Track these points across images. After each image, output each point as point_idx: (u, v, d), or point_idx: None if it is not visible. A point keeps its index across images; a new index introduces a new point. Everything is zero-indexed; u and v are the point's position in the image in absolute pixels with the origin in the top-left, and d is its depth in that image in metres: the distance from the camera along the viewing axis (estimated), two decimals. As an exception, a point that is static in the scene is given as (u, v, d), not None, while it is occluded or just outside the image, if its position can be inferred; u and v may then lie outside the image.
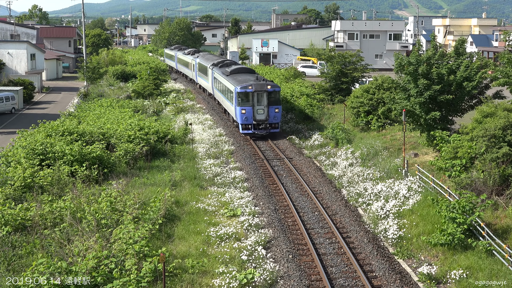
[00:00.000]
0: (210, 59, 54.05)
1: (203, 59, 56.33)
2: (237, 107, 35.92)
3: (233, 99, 36.84)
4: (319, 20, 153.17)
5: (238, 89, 35.79)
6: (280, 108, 36.33)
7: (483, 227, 18.47)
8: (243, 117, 35.51)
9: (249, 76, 39.54)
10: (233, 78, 39.39)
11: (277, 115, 36.06)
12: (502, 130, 22.64)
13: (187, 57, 68.58)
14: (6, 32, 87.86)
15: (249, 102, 35.66)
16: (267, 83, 36.44)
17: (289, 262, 17.91)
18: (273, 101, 36.10)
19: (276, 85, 37.05)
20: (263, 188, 25.46)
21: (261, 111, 35.63)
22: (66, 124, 32.10)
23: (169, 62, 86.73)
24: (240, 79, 38.00)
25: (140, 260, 16.15)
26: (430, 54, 29.61)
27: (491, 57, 77.06)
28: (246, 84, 36.05)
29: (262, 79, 36.98)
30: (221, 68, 45.45)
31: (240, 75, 39.96)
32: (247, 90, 35.62)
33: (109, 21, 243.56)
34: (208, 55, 61.04)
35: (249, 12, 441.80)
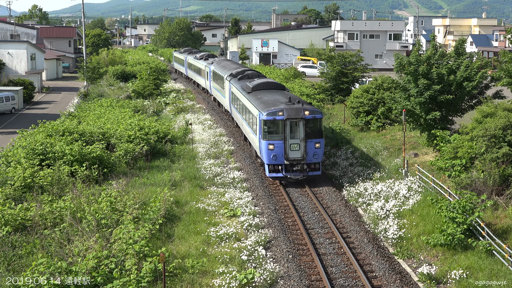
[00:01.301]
0: (227, 67, 44.58)
1: (219, 67, 46.73)
2: (262, 140, 26.25)
3: (257, 129, 27.27)
4: (319, 20, 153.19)
5: (263, 116, 26.11)
6: (322, 143, 26.53)
7: (483, 227, 18.47)
8: (271, 154, 25.97)
9: (279, 95, 29.47)
10: (256, 97, 29.64)
11: (318, 152, 26.37)
12: (502, 130, 22.64)
13: (199, 62, 58.83)
14: (6, 32, 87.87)
15: (279, 134, 26.06)
16: (304, 107, 26.48)
17: (289, 262, 17.91)
18: (313, 132, 26.40)
19: (317, 110, 26.94)
20: (263, 188, 25.47)
21: (295, 147, 26.05)
22: (66, 124, 32.10)
23: (178, 67, 78.52)
24: (267, 100, 28.35)
25: (140, 260, 16.15)
26: (430, 54, 29.62)
27: (491, 57, 77.03)
28: (275, 108, 26.24)
29: (296, 100, 27.20)
30: (241, 81, 35.80)
31: (266, 93, 30.30)
32: (276, 118, 25.94)
33: (109, 21, 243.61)
34: (224, 62, 50.10)
35: (249, 12, 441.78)
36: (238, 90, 34.21)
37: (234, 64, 47.24)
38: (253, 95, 30.26)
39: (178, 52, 79.66)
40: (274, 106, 26.56)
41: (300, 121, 25.95)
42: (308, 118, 26.11)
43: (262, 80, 33.16)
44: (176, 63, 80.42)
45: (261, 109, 26.74)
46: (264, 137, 26.16)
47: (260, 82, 32.38)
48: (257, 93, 30.62)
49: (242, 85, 33.96)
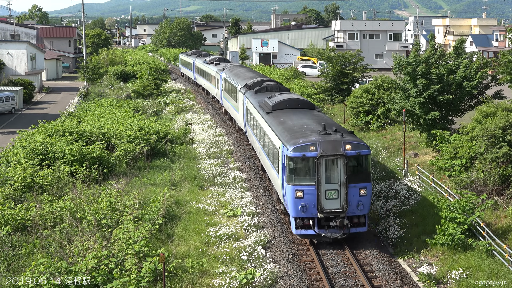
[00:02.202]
0: (241, 76, 37.43)
1: (231, 75, 39.51)
2: (287, 184, 19.28)
3: (280, 166, 20.25)
4: (319, 20, 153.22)
5: (289, 151, 19.15)
6: (369, 188, 19.43)
7: (483, 227, 18.47)
8: (299, 205, 18.93)
9: (308, 119, 22.39)
10: (278, 120, 22.67)
11: (363, 201, 19.23)
12: (502, 130, 22.65)
13: (209, 67, 51.32)
14: (6, 32, 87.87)
15: (311, 177, 19.03)
16: (345, 138, 19.39)
17: (289, 262, 17.91)
18: (357, 174, 19.41)
19: (362, 142, 19.67)
20: (263, 188, 25.46)
21: (333, 194, 19.05)
22: (66, 124, 32.10)
23: (185, 71, 71.83)
24: (292, 127, 21.25)
25: (140, 260, 16.15)
26: (429, 54, 29.63)
27: (491, 57, 77.04)
28: (305, 140, 19.23)
29: (333, 128, 20.10)
30: (258, 95, 28.99)
31: (291, 115, 23.12)
32: (306, 154, 18.96)
33: (109, 21, 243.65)
34: (238, 68, 42.12)
35: (249, 12, 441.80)
36: (254, 107, 27.31)
37: (250, 72, 38.97)
38: (274, 116, 23.42)
39: (185, 54, 72.23)
40: (304, 137, 19.50)
41: (340, 159, 18.86)
42: (351, 155, 19.06)
43: (285, 97, 25.78)
44: (183, 67, 73.39)
45: (286, 140, 19.78)
46: (290, 180, 19.18)
47: (283, 99, 25.09)
48: (278, 114, 23.64)
49: (260, 101, 27.17)
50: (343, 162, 18.93)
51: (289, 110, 24.11)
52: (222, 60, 53.03)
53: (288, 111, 24.04)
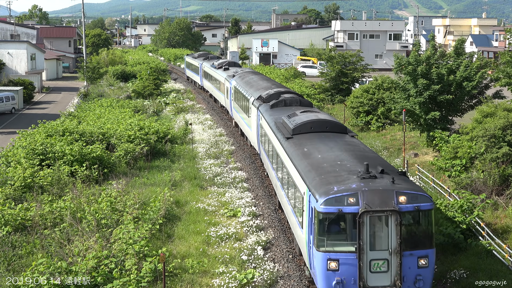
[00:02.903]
0: (253, 85, 32.14)
1: (243, 83, 34.33)
2: (317, 250, 14.05)
3: (305, 221, 15.01)
4: (319, 20, 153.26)
5: (319, 204, 13.89)
6: (431, 257, 14.18)
7: (483, 227, 18.48)
8: (332, 279, 13.85)
9: (341, 150, 17.12)
10: (301, 150, 17.55)
11: (424, 274, 14.01)
12: (502, 130, 22.66)
13: (217, 72, 45.89)
14: (6, 32, 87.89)
15: (349, 241, 13.98)
16: (397, 185, 14.13)
17: (289, 262, 17.91)
18: (415, 237, 14.37)
19: (421, 192, 14.17)
20: (263, 188, 25.46)
21: (381, 266, 13.88)
22: (66, 124, 32.10)
23: (191, 74, 66.26)
24: (321, 163, 16.03)
25: (140, 260, 16.15)
26: (429, 54, 29.65)
27: (491, 57, 77.06)
28: (342, 189, 13.98)
29: (379, 168, 14.77)
30: (275, 111, 23.98)
31: (319, 143, 17.95)
32: (343, 209, 13.75)
33: (109, 21, 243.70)
34: (250, 75, 36.47)
35: (249, 12, 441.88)
36: (270, 127, 22.26)
37: (263, 81, 33.26)
38: (296, 144, 18.09)
39: (191, 57, 66.53)
40: (339, 182, 14.09)
41: (391, 217, 13.52)
42: (407, 211, 13.68)
43: (309, 117, 20.10)
44: (188, 70, 67.94)
45: (314, 186, 14.37)
46: (320, 244, 13.85)
47: (307, 120, 19.58)
48: (301, 140, 18.37)
49: (277, 119, 22.11)
50: (396, 220, 13.48)
51: (315, 135, 18.64)
52: (232, 65, 47.26)
53: (314, 136, 18.61)
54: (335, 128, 19.59)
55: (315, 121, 19.59)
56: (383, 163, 15.97)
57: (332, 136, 18.74)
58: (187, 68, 68.90)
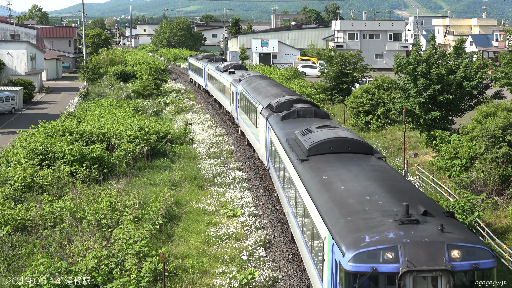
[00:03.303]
0: (262, 91, 28.98)
1: (250, 88, 31.18)
2: None
3: (327, 275, 11.60)
4: (319, 20, 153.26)
5: (346, 259, 10.37)
6: None
7: (483, 227, 18.47)
8: None
9: (369, 179, 13.67)
10: (320, 178, 14.27)
11: None
12: (502, 130, 22.66)
13: (222, 76, 42.54)
14: (6, 32, 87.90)
15: None
16: (448, 233, 10.51)
17: (289, 262, 17.91)
18: None
19: (477, 241, 10.61)
20: (263, 188, 25.46)
21: None
22: (66, 124, 32.11)
23: (194, 77, 62.97)
24: (346, 195, 12.75)
25: (140, 260, 16.15)
26: (429, 54, 29.66)
27: (491, 57, 77.09)
28: (376, 239, 10.43)
29: (420, 208, 11.29)
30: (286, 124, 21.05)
31: (341, 167, 14.83)
32: (378, 268, 10.15)
33: (109, 21, 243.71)
34: (258, 80, 32.87)
35: (249, 12, 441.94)
36: (281, 143, 19.15)
37: (272, 87, 29.86)
38: (312, 170, 14.85)
39: (194, 58, 63.34)
40: (370, 228, 10.95)
41: (442, 278, 10.25)
42: (462, 270, 10.40)
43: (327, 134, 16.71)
44: (192, 72, 64.69)
45: (338, 232, 11.25)
46: None
47: (325, 139, 16.25)
48: (319, 164, 15.13)
49: (289, 134, 19.19)
50: (448, 283, 10.19)
51: (335, 158, 15.39)
52: (238, 68, 43.89)
53: (334, 158, 15.31)
54: (359, 148, 16.20)
55: (335, 140, 16.14)
56: (423, 198, 12.31)
57: (356, 158, 15.45)
58: (191, 70, 65.46)
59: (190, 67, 65.92)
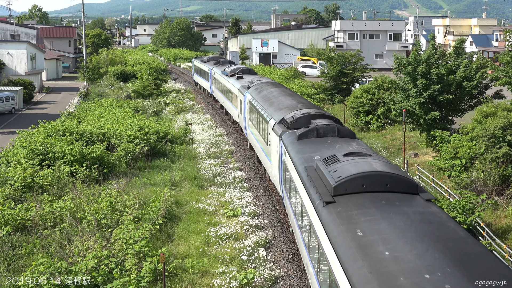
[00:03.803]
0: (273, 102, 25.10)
1: (260, 98, 27.41)
2: None
3: None
4: (319, 20, 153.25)
5: None
6: None
7: (483, 227, 18.47)
8: None
9: (423, 239, 9.68)
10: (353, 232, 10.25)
11: None
12: (502, 130, 22.66)
13: (229, 81, 38.83)
14: (6, 32, 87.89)
15: None
16: None
17: (289, 262, 17.91)
18: None
19: None
20: (263, 188, 25.45)
21: None
22: (66, 124, 32.11)
23: (199, 80, 59.46)
24: (394, 270, 8.66)
25: (140, 260, 16.15)
26: (429, 54, 29.66)
27: (491, 57, 77.10)
28: None
29: None
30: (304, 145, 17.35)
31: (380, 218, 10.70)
32: None
33: (109, 21, 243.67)
34: (269, 88, 28.74)
35: (249, 12, 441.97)
36: (297, 171, 15.37)
37: (286, 97, 25.51)
38: (341, 218, 11.16)
39: (199, 60, 59.86)
40: None
41: None
42: None
43: (359, 167, 12.71)
44: (196, 75, 61.45)
45: None
46: None
47: (357, 174, 12.34)
48: (350, 209, 11.50)
49: (308, 159, 15.52)
50: None
51: (371, 200, 11.69)
52: (247, 72, 39.76)
53: (369, 201, 11.63)
54: (401, 185, 12.11)
55: (369, 176, 12.12)
56: (507, 274, 8.60)
57: (398, 202, 11.59)
58: (196, 73, 62.00)
59: (195, 70, 62.38)
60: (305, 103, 23.78)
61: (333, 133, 18.20)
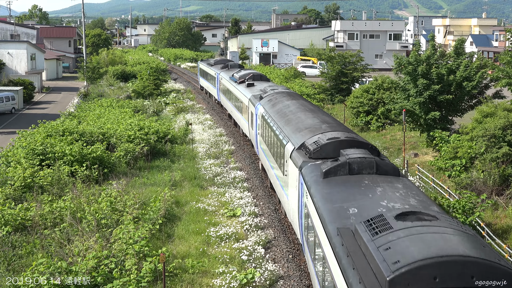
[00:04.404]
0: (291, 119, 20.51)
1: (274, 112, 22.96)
2: None
3: None
4: (319, 20, 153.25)
5: None
6: None
7: (483, 227, 18.47)
8: None
9: None
10: None
11: None
12: (502, 130, 22.66)
13: (238, 89, 34.20)
14: (6, 32, 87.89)
15: None
16: None
17: (289, 262, 17.91)
18: None
19: None
20: (263, 188, 25.45)
21: None
22: (66, 124, 32.11)
23: (205, 84, 54.38)
24: None
25: (140, 260, 16.15)
26: (429, 54, 29.67)
27: (491, 57, 77.10)
28: None
29: None
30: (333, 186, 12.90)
31: None
32: None
33: (109, 21, 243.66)
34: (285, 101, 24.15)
35: (249, 12, 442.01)
36: (326, 232, 10.98)
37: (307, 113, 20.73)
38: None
39: (205, 63, 54.85)
40: None
41: None
42: None
43: (428, 241, 8.37)
44: (202, 79, 56.42)
45: None
46: None
47: (427, 260, 7.93)
48: None
49: (340, 213, 11.11)
50: None
51: None
52: (258, 78, 34.88)
53: None
54: (490, 275, 8.02)
55: (445, 263, 7.99)
56: None
57: None
58: (202, 77, 57.06)
59: (201, 73, 57.35)
60: (330, 123, 18.68)
61: (371, 168, 13.46)
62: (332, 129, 17.44)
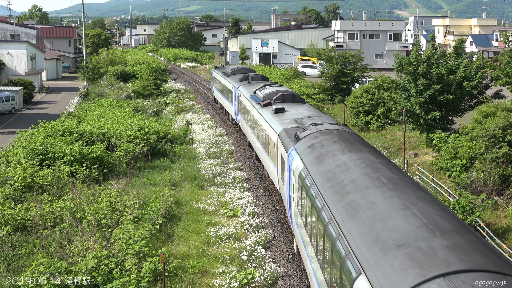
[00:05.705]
0: (348, 187, 11.47)
1: (321, 173, 13.23)
2: None
3: None
4: (319, 20, 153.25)
5: None
6: None
7: (483, 227, 18.46)
8: None
9: None
10: None
11: None
12: (502, 130, 22.66)
13: (263, 115, 24.44)
14: (6, 32, 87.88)
15: None
16: None
17: (289, 262, 17.90)
18: None
19: None
20: (263, 188, 25.44)
21: None
22: (66, 124, 32.11)
23: (221, 98, 44.14)
24: None
25: (140, 260, 16.14)
26: (430, 54, 29.67)
27: (491, 57, 77.11)
28: None
29: None
30: None
31: None
32: None
33: (109, 21, 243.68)
34: (343, 154, 13.86)
35: (249, 12, 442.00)
36: None
37: (385, 192, 10.76)
38: None
39: (221, 72, 44.16)
40: None
41: None
42: None
43: None
44: (217, 91, 46.47)
45: None
46: None
47: None
48: None
49: None
50: None
51: None
52: (289, 99, 25.76)
53: None
54: None
55: None
56: None
57: None
58: (215, 88, 47.24)
59: (215, 84, 47.25)
60: (421, 209, 10.24)
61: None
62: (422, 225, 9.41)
